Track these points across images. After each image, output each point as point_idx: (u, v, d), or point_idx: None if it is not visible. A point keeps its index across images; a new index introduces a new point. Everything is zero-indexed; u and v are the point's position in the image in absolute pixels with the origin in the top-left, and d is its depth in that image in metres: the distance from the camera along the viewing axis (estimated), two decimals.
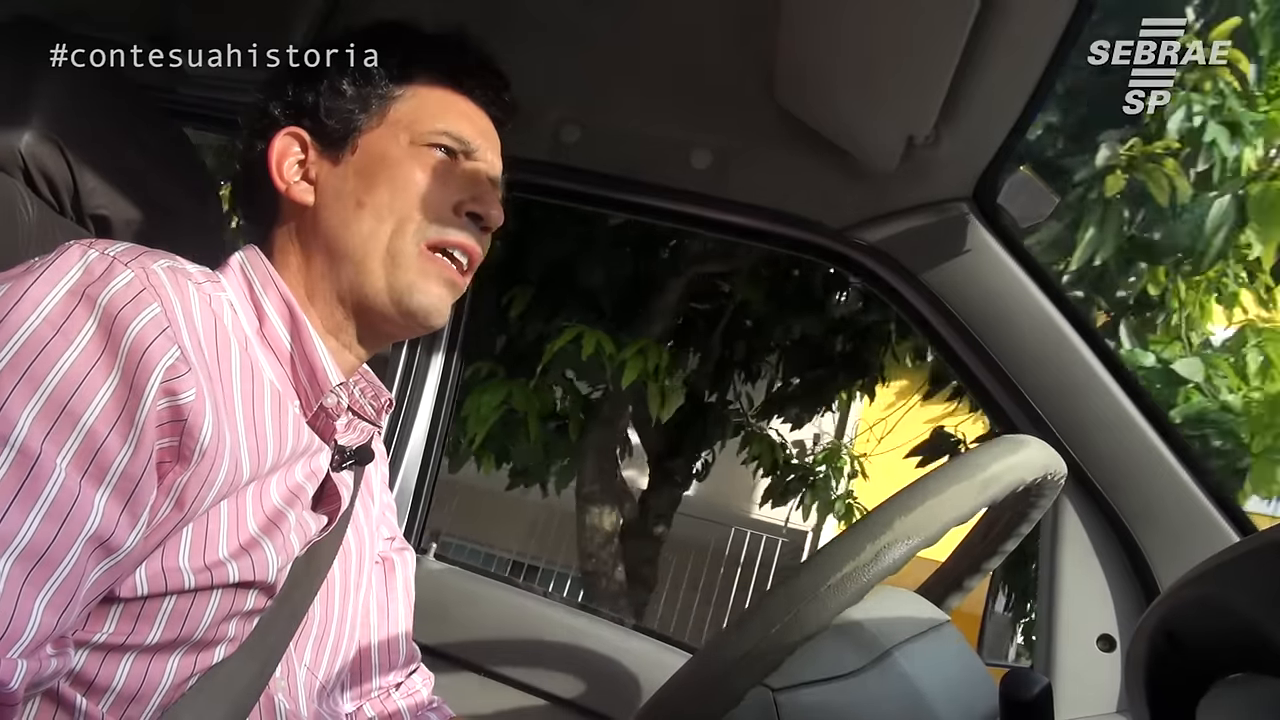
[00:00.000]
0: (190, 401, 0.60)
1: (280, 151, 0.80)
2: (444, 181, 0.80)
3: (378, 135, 0.80)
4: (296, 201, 0.79)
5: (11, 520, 0.53)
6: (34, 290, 0.58)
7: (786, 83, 1.04)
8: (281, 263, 0.79)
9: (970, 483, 0.57)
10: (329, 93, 0.81)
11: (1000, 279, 1.06)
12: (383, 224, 0.77)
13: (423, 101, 0.82)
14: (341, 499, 0.77)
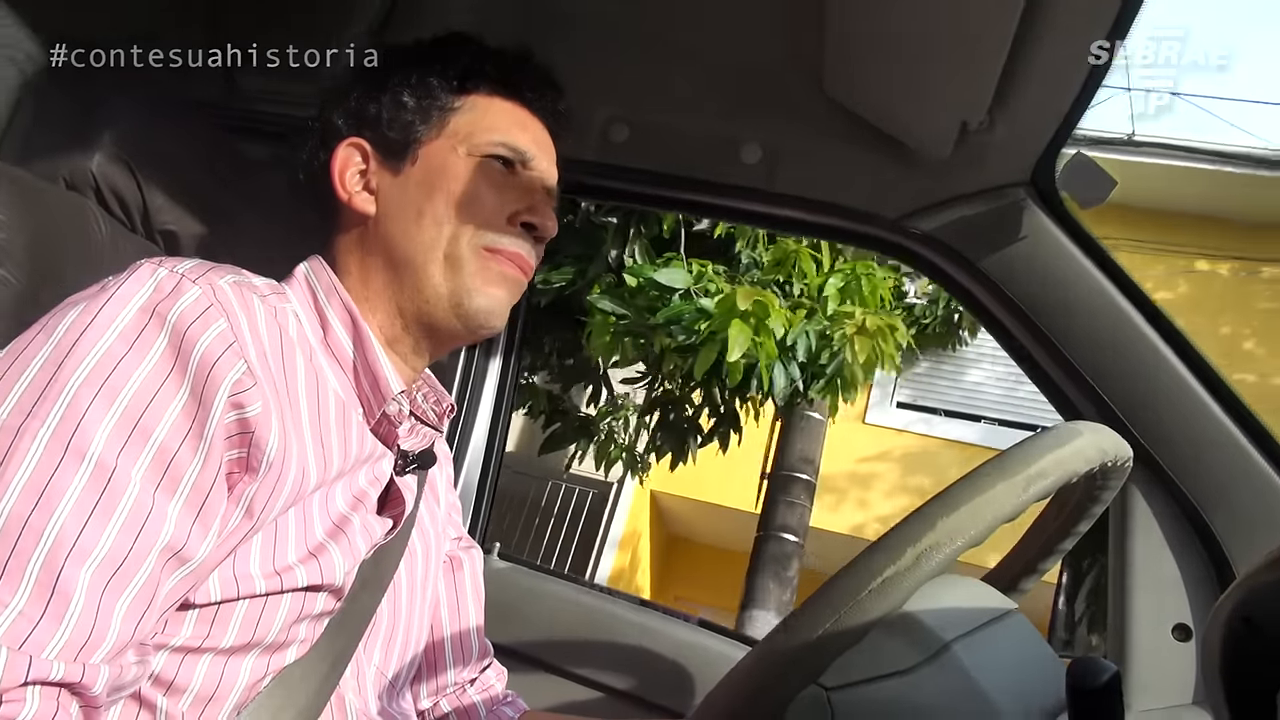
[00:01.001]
0: (257, 414, 0.62)
1: (343, 161, 0.82)
2: (500, 191, 0.82)
3: (437, 146, 0.82)
4: (358, 211, 0.81)
5: (91, 532, 0.55)
6: (108, 308, 0.60)
7: (836, 73, 1.03)
8: (343, 272, 0.81)
9: (1017, 479, 0.55)
10: (390, 104, 0.82)
11: (1061, 264, 1.04)
12: (441, 232, 0.79)
13: (481, 112, 0.84)
14: (405, 503, 0.79)
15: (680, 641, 1.22)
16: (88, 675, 0.54)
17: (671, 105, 1.13)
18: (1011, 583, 0.81)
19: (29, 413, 0.56)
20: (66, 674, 0.53)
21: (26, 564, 0.53)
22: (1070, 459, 0.58)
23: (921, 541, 0.52)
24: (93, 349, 0.59)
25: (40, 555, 0.53)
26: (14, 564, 0.53)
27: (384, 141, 0.82)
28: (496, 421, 1.40)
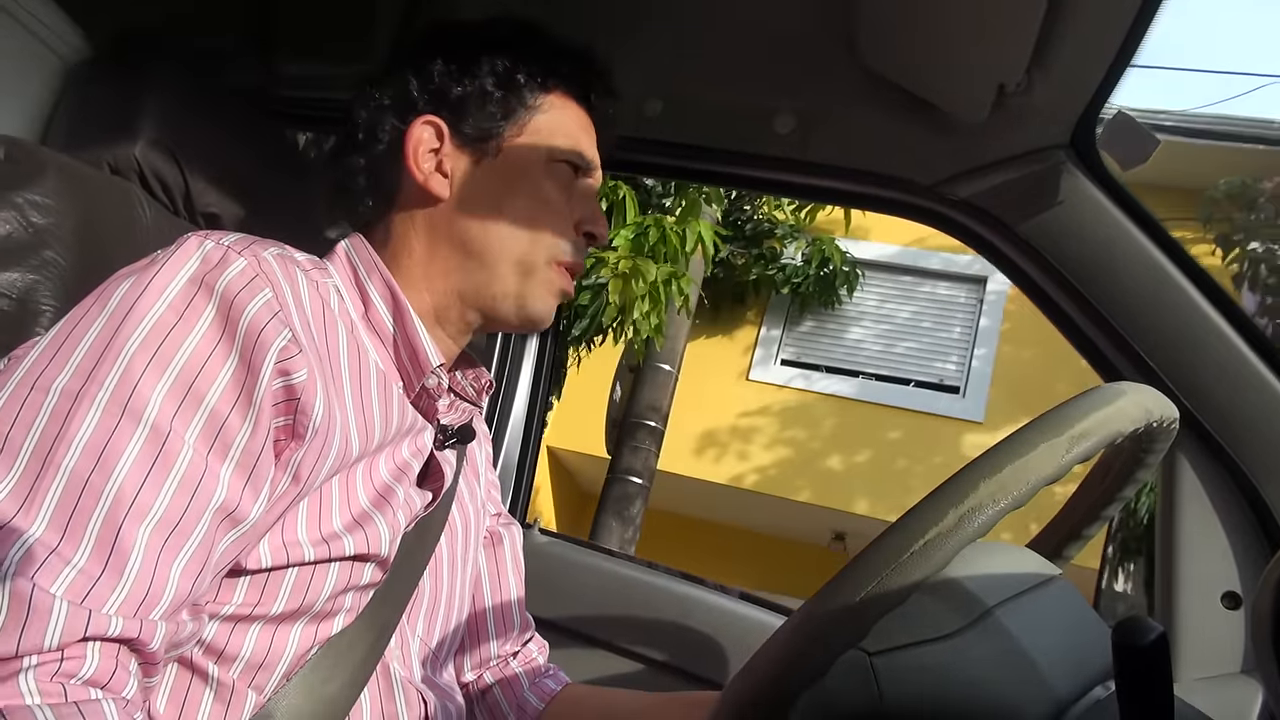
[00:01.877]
0: (302, 381, 0.64)
1: (418, 139, 0.81)
2: (569, 198, 0.84)
3: (520, 145, 0.82)
4: (430, 192, 0.81)
5: (148, 491, 0.57)
6: (157, 280, 0.62)
7: (868, 39, 1.01)
8: (400, 249, 0.81)
9: (1060, 439, 0.54)
10: (475, 91, 0.82)
11: (1103, 227, 1.02)
12: (519, 233, 0.80)
13: (560, 116, 0.84)
14: (445, 476, 0.80)
15: (720, 612, 1.23)
16: (145, 631, 0.55)
17: (704, 77, 1.12)
18: (1056, 549, 0.80)
19: (88, 377, 0.58)
20: (125, 629, 0.54)
21: (87, 522, 0.55)
22: (1114, 418, 0.57)
23: (964, 503, 0.51)
24: (145, 317, 0.60)
25: (100, 514, 0.55)
26: (75, 522, 0.54)
27: (463, 126, 0.82)
28: (535, 400, 1.41)
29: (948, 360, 6.34)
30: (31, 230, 0.75)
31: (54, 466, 0.55)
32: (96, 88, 0.96)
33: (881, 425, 6.21)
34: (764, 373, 6.47)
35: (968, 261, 6.47)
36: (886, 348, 6.42)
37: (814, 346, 6.55)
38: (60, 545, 0.54)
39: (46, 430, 0.56)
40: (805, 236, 6.38)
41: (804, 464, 6.24)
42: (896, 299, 6.57)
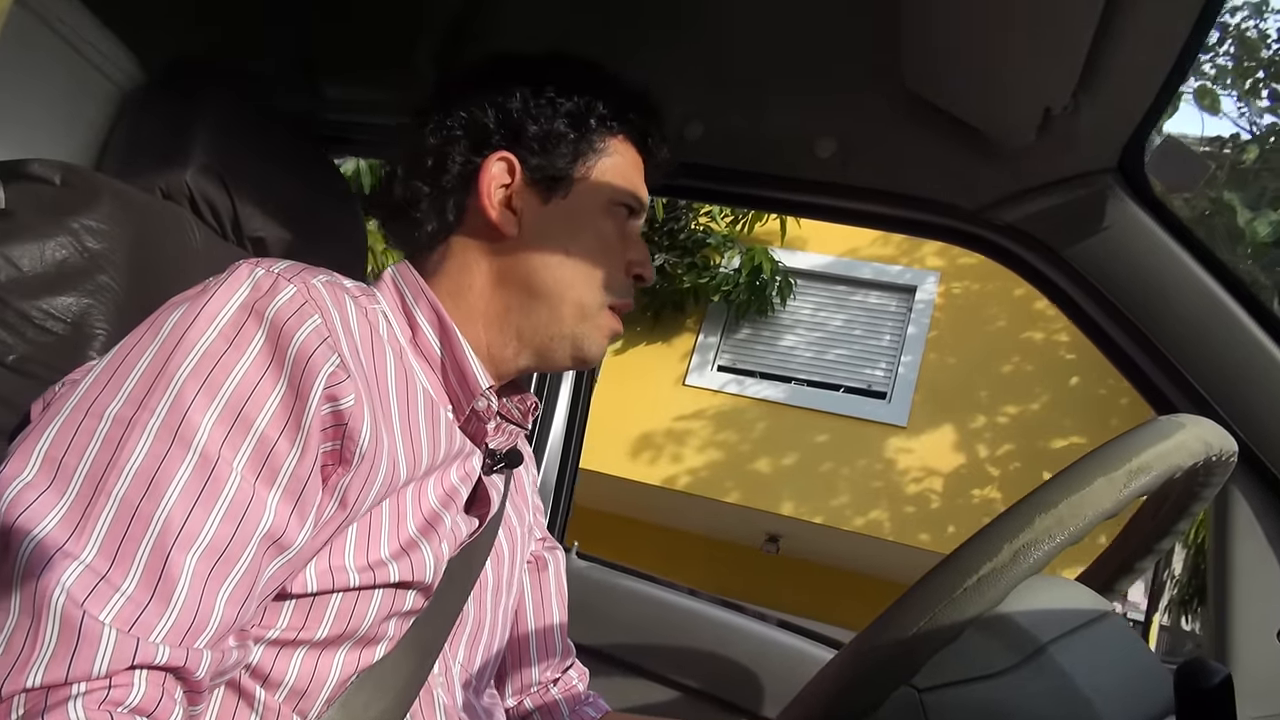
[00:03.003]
0: (350, 406, 0.64)
1: (493, 174, 0.82)
2: (623, 241, 0.85)
3: (586, 187, 0.83)
4: (497, 228, 0.81)
5: (196, 519, 0.57)
6: (209, 307, 0.63)
7: (912, 62, 1.00)
8: (459, 281, 0.81)
9: (1118, 473, 0.53)
10: (549, 131, 0.82)
11: (1152, 253, 1.00)
12: (580, 276, 0.81)
13: (623, 161, 0.86)
14: (492, 502, 0.80)
15: (758, 640, 1.21)
16: (191, 660, 0.56)
17: (745, 101, 1.12)
18: (1107, 583, 0.78)
19: (139, 405, 0.59)
20: (171, 658, 0.55)
21: (136, 549, 0.55)
22: (1173, 452, 0.55)
23: (1019, 538, 0.50)
24: (196, 345, 0.61)
25: (149, 541, 0.56)
26: (125, 549, 0.55)
27: (535, 165, 0.82)
28: (573, 421, 1.41)
29: (876, 367, 6.58)
30: (87, 255, 0.76)
31: (105, 493, 0.56)
32: (150, 114, 0.98)
33: (810, 429, 6.40)
34: (700, 378, 6.69)
35: (898, 271, 6.69)
36: (819, 354, 6.68)
37: (749, 353, 6.77)
38: (110, 572, 0.54)
39: (99, 457, 0.57)
40: (740, 246, 6.60)
41: (734, 466, 6.42)
42: (830, 307, 6.81)
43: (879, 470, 6.27)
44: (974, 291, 6.47)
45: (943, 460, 6.21)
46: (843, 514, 6.18)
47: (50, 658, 0.51)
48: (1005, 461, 6.17)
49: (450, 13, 1.06)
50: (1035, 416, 6.16)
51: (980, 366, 6.24)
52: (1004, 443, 6.20)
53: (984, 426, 6.23)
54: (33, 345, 0.72)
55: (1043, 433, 6.10)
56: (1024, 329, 6.27)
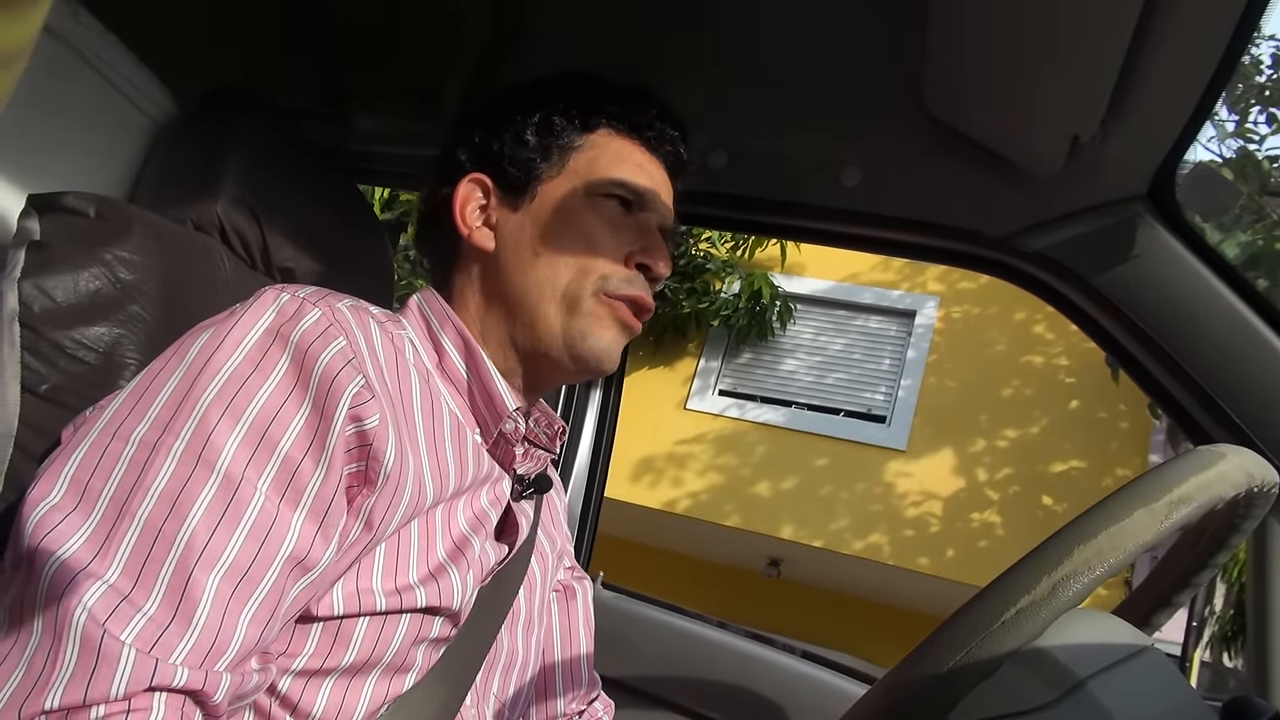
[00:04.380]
0: (375, 427, 0.64)
1: (464, 197, 0.84)
2: (616, 232, 0.82)
3: (556, 184, 0.83)
4: (477, 247, 0.83)
5: (218, 540, 0.57)
6: (235, 332, 0.63)
7: (937, 91, 1.00)
8: (460, 305, 0.83)
9: (1158, 504, 0.52)
10: (512, 141, 0.84)
11: (1184, 281, 0.99)
12: (558, 272, 0.80)
13: (601, 151, 0.85)
14: (521, 529, 0.80)
15: (784, 673, 1.20)
16: (210, 683, 0.55)
17: (769, 130, 1.12)
18: (1144, 617, 0.77)
19: (165, 428, 0.59)
20: (190, 680, 0.54)
21: (159, 570, 0.55)
22: (1215, 483, 0.54)
23: (1057, 570, 0.49)
24: (221, 369, 0.62)
25: (172, 562, 0.56)
26: (148, 570, 0.55)
27: (505, 178, 0.84)
28: (599, 448, 1.40)
29: (876, 391, 6.60)
30: (119, 286, 0.77)
31: (129, 515, 0.56)
32: (182, 146, 0.99)
33: (810, 453, 6.41)
34: (701, 402, 6.72)
35: (898, 296, 6.72)
36: (819, 378, 6.72)
37: (750, 377, 6.81)
38: (132, 592, 0.54)
39: (124, 479, 0.57)
40: (740, 271, 6.65)
41: (734, 490, 6.44)
42: (830, 332, 6.84)
43: (878, 494, 6.27)
44: (974, 315, 6.50)
45: (942, 484, 6.20)
46: (842, 538, 6.18)
47: (69, 679, 0.51)
48: (1005, 485, 6.14)
49: (478, 45, 1.07)
50: (1035, 440, 6.14)
51: (980, 390, 6.26)
52: (1003, 466, 6.17)
53: (983, 450, 6.22)
54: (65, 375, 0.73)
55: (1042, 456, 6.09)
56: (1024, 353, 6.29)
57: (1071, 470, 6.03)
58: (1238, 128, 5.53)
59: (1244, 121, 5.57)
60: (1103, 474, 5.95)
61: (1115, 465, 5.94)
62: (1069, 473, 6.03)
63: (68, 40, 0.89)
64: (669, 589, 6.74)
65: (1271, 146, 6.16)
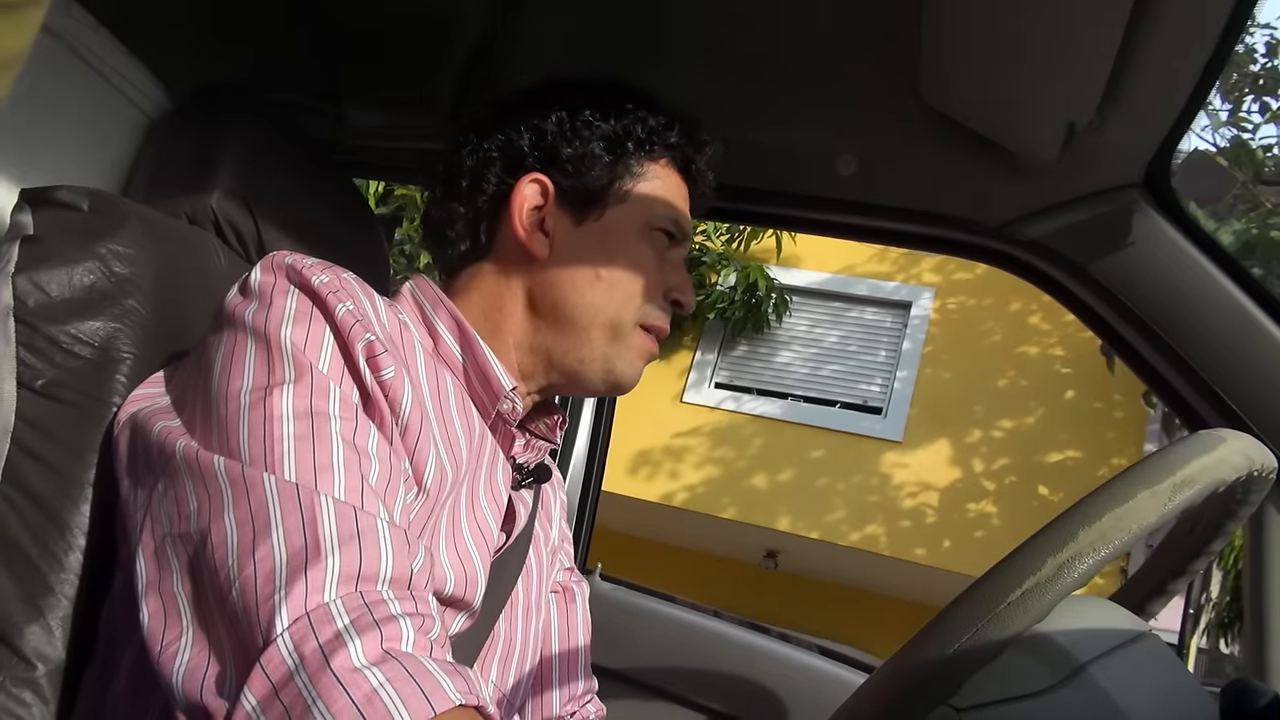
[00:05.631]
0: (390, 379, 0.65)
1: (524, 195, 0.82)
2: (661, 266, 0.84)
3: (622, 211, 0.83)
4: (528, 250, 0.81)
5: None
6: (276, 299, 0.66)
7: (933, 80, 1.00)
8: (491, 302, 0.82)
9: (1161, 486, 0.52)
10: (584, 153, 0.82)
11: (1180, 268, 0.99)
12: (612, 299, 0.80)
13: (662, 185, 0.85)
14: (519, 517, 0.80)
15: (786, 664, 1.20)
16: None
17: (764, 121, 1.12)
18: (1141, 604, 0.77)
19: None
20: None
21: None
22: (1217, 466, 0.54)
23: (1062, 552, 0.49)
24: (280, 333, 0.63)
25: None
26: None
27: (568, 187, 0.82)
28: (595, 444, 1.40)
29: (872, 382, 6.62)
30: (114, 280, 0.77)
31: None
32: (176, 141, 0.99)
33: (806, 445, 6.44)
34: (697, 395, 6.74)
35: (894, 288, 6.74)
36: (814, 370, 6.74)
37: (746, 370, 6.83)
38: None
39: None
40: (735, 264, 6.65)
41: (730, 482, 6.46)
42: (826, 324, 6.85)
43: (875, 485, 6.29)
44: (969, 306, 6.51)
45: (938, 475, 6.23)
46: (839, 529, 6.20)
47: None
48: (1001, 476, 6.18)
49: (473, 38, 1.07)
50: (1031, 431, 6.17)
51: (975, 381, 6.29)
52: (999, 457, 6.21)
53: (979, 441, 6.25)
54: (61, 369, 0.72)
55: (1038, 447, 6.12)
56: (1019, 343, 6.31)
57: (1067, 460, 6.06)
58: (1231, 116, 5.55)
59: (1238, 110, 5.59)
60: (1098, 464, 5.98)
61: (1111, 455, 5.98)
62: (1065, 463, 6.06)
63: (61, 35, 0.89)
64: (666, 582, 6.82)
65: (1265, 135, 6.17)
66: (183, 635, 0.54)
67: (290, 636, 0.49)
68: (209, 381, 0.63)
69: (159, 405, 0.68)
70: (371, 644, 0.49)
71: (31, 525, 0.68)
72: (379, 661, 0.48)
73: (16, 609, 0.67)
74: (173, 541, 0.57)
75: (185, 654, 0.53)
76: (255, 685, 0.48)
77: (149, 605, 0.56)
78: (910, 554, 6.09)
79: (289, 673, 0.48)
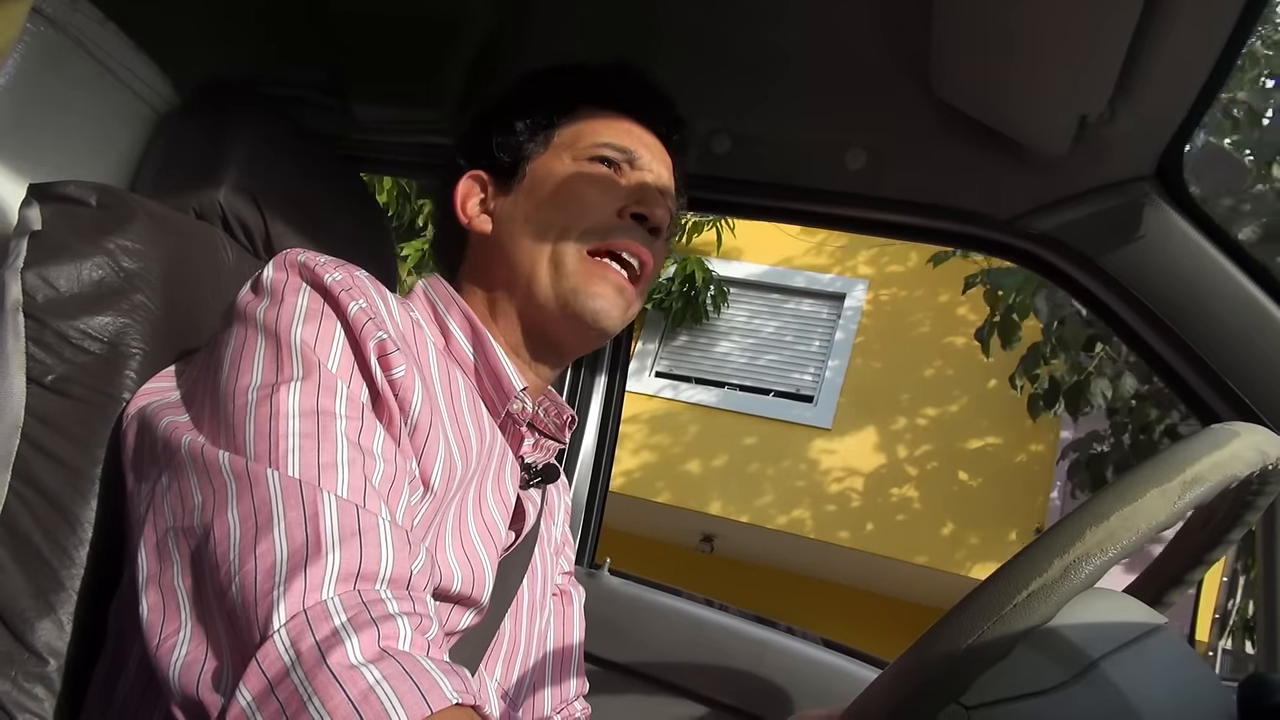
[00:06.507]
0: (401, 377, 0.65)
1: (464, 193, 0.87)
2: (606, 189, 0.83)
3: (544, 159, 0.85)
4: (477, 233, 0.85)
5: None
6: (287, 296, 0.66)
7: (943, 73, 1.00)
8: (469, 292, 0.84)
9: (1172, 484, 0.51)
10: (501, 132, 0.86)
11: (1192, 260, 0.98)
12: (546, 235, 0.81)
13: (586, 121, 0.86)
14: (528, 516, 0.79)
15: (795, 658, 1.20)
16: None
17: (773, 114, 1.12)
18: (1156, 595, 0.76)
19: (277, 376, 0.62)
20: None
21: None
22: (1229, 461, 0.53)
23: (1069, 553, 0.49)
24: (290, 330, 0.63)
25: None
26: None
27: (498, 167, 0.86)
28: (604, 439, 1.40)
29: (805, 371, 6.82)
30: (122, 275, 0.77)
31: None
32: (183, 135, 0.99)
33: (740, 432, 6.60)
34: (637, 384, 6.85)
35: (829, 280, 6.93)
36: (752, 360, 6.90)
37: (686, 359, 7.00)
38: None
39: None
40: (675, 256, 6.78)
41: (666, 468, 6.62)
42: (764, 315, 7.01)
43: (803, 471, 6.51)
44: (901, 298, 6.68)
45: (864, 460, 6.44)
46: (767, 513, 6.37)
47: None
48: (924, 461, 6.39)
49: (480, 33, 1.07)
50: (954, 418, 6.36)
51: (903, 370, 6.45)
52: (923, 443, 6.41)
53: (904, 428, 6.45)
54: (70, 365, 0.72)
55: (960, 433, 6.31)
56: (947, 334, 6.46)
57: (987, 446, 6.29)
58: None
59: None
60: (1016, 450, 6.21)
61: (1029, 441, 6.18)
62: (985, 449, 6.28)
63: (67, 29, 0.88)
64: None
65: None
66: (181, 629, 0.54)
67: (287, 632, 0.49)
68: (218, 378, 0.64)
69: (168, 400, 0.68)
70: (369, 642, 0.49)
71: (42, 520, 0.68)
72: (376, 659, 0.48)
73: (28, 604, 0.67)
74: (175, 535, 0.57)
75: (183, 648, 0.53)
76: (251, 681, 0.48)
77: (149, 598, 0.56)
78: (835, 537, 6.29)
79: (285, 669, 0.48)
